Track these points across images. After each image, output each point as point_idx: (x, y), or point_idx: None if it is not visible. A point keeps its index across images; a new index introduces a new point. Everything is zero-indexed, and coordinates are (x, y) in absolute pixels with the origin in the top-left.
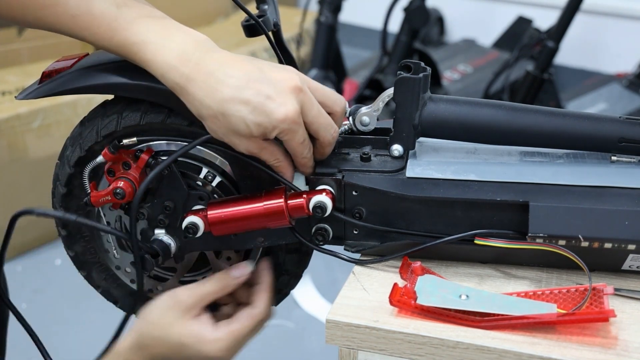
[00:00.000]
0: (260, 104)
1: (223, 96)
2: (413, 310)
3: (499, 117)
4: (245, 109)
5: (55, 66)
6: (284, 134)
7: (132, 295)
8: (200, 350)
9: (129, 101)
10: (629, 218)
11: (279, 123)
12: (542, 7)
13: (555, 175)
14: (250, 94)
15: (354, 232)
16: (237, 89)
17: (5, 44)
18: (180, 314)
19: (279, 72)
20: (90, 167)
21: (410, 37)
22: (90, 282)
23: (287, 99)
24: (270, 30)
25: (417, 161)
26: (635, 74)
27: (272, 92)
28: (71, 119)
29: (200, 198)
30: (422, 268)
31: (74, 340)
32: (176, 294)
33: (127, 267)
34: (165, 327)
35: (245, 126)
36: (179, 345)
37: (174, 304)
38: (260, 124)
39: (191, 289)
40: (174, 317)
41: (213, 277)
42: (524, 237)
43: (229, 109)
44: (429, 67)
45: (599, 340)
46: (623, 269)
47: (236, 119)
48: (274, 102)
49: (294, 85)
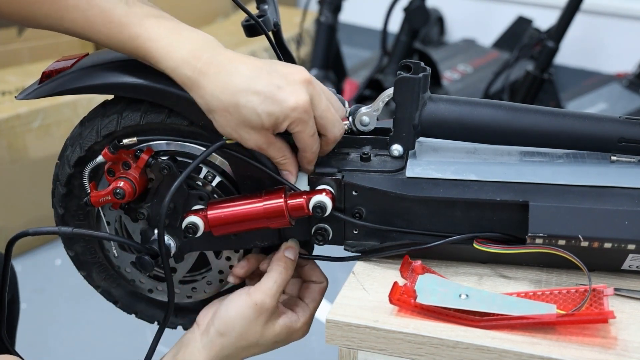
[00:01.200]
0: (271, 93)
1: (235, 87)
2: (412, 309)
3: (498, 117)
4: (257, 99)
5: (55, 66)
6: (295, 124)
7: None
8: (291, 339)
9: (129, 101)
10: (629, 218)
11: (290, 112)
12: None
13: (555, 175)
14: (262, 84)
15: (354, 232)
16: (248, 80)
17: (5, 44)
18: (268, 318)
19: (288, 67)
20: (90, 167)
21: (410, 37)
22: (90, 282)
23: (297, 88)
24: (270, 30)
25: (417, 161)
26: (635, 74)
27: (282, 83)
28: (71, 119)
29: (200, 198)
30: (423, 267)
31: (74, 340)
32: (254, 301)
33: (127, 267)
34: (257, 336)
35: (256, 116)
36: (273, 343)
37: (258, 312)
38: (272, 113)
39: (266, 292)
40: (263, 324)
41: (273, 267)
42: (524, 237)
43: (241, 100)
44: (428, 67)
45: (598, 340)
46: (623, 268)
47: (248, 109)
48: (285, 92)
49: (304, 78)
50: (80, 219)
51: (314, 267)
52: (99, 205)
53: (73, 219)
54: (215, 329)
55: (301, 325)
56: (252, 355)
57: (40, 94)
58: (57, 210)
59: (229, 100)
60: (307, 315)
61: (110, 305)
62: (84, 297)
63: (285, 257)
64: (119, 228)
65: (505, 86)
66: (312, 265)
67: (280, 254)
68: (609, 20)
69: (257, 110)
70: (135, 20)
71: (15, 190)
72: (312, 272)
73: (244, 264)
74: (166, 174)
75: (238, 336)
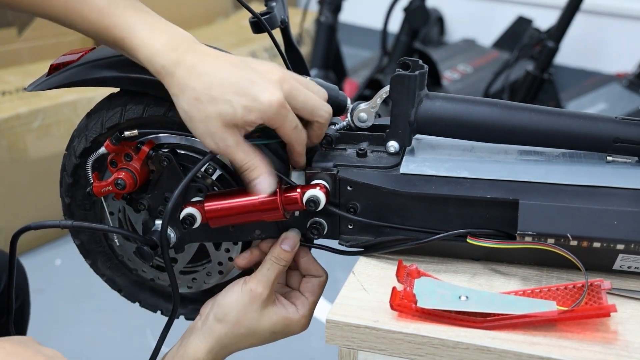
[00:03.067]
0: (246, 87)
1: (210, 80)
2: (414, 313)
3: (494, 115)
4: (231, 92)
5: (63, 59)
6: (273, 121)
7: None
8: (290, 331)
9: (133, 94)
10: (618, 218)
11: (266, 108)
12: (542, 7)
13: (548, 174)
14: (237, 79)
15: (349, 226)
16: (223, 74)
17: (5, 44)
18: (262, 306)
19: (262, 65)
20: (93, 157)
21: (410, 37)
22: (95, 271)
23: (271, 86)
24: (278, 27)
25: (413, 158)
26: (635, 74)
27: (257, 79)
28: (71, 119)
29: (199, 190)
30: (418, 271)
31: (74, 340)
32: (249, 287)
33: (129, 257)
34: (253, 323)
35: (231, 108)
36: (270, 333)
37: (251, 299)
38: (246, 106)
39: (260, 279)
40: (257, 312)
41: (267, 258)
42: (514, 235)
43: (215, 92)
44: (426, 65)
45: (598, 340)
46: (614, 269)
47: (222, 102)
48: (259, 86)
49: (278, 76)
50: (87, 208)
51: (312, 260)
52: (101, 195)
53: (79, 209)
54: (213, 315)
55: (300, 317)
56: (250, 345)
57: (49, 86)
58: (64, 200)
59: (202, 91)
60: (306, 308)
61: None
62: (84, 297)
63: (280, 249)
64: (122, 218)
65: (505, 86)
66: (309, 259)
67: (277, 244)
68: (609, 20)
69: (233, 103)
70: (116, 11)
71: (15, 190)
72: (310, 265)
73: (246, 255)
74: (165, 165)
75: (235, 322)
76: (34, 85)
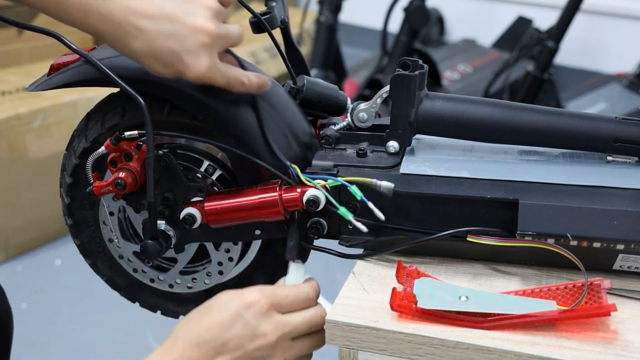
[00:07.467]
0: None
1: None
2: (414, 314)
3: (493, 114)
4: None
5: (63, 59)
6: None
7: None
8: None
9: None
10: (618, 218)
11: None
12: (542, 7)
13: (548, 174)
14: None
15: (349, 226)
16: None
17: (5, 44)
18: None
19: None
20: (93, 157)
21: (410, 37)
22: (95, 271)
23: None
24: (278, 27)
25: (413, 158)
26: (635, 74)
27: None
28: (71, 119)
29: (199, 190)
30: (418, 271)
31: (73, 340)
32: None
33: (130, 257)
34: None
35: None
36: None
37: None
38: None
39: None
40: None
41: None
42: (514, 235)
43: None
44: (426, 65)
45: (598, 340)
46: (614, 269)
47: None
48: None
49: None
50: (86, 208)
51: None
52: (101, 195)
53: (79, 209)
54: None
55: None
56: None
57: (49, 86)
58: (64, 200)
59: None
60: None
61: (110, 306)
62: (84, 297)
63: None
64: (122, 218)
65: (505, 86)
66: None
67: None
68: (609, 20)
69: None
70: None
71: (15, 190)
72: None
73: None
74: (164, 165)
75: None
76: (34, 85)
